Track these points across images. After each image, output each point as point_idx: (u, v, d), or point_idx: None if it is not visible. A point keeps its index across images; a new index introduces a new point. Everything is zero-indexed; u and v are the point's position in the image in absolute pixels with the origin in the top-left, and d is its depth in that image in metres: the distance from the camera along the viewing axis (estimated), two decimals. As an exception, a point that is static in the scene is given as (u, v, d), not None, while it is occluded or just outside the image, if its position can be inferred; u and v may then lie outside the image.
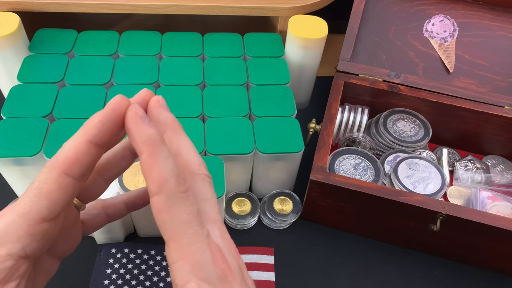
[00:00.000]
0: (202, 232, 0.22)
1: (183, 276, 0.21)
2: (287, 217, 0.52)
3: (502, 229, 0.44)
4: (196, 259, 0.21)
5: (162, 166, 0.21)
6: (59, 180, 0.22)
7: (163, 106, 0.25)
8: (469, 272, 0.51)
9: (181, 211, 0.22)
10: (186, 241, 0.22)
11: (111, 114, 0.22)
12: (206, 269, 0.21)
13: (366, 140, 0.58)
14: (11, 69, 0.55)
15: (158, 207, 0.22)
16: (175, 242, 0.22)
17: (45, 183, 0.22)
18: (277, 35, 0.62)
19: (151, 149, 0.22)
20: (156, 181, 0.21)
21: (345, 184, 0.47)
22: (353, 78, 0.59)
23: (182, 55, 0.57)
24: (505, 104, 0.57)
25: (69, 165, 0.22)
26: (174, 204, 0.22)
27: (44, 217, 0.22)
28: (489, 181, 0.57)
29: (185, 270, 0.21)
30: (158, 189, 0.21)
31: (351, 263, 0.50)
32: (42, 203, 0.22)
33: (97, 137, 0.22)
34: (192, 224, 0.22)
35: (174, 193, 0.22)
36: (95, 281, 0.45)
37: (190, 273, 0.21)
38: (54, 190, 0.22)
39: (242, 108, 0.51)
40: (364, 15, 0.61)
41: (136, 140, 0.22)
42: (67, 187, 0.22)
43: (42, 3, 0.56)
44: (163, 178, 0.21)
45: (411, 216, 0.48)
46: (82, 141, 0.22)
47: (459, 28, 0.61)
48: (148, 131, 0.22)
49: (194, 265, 0.21)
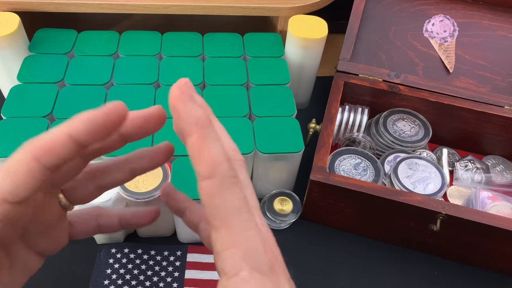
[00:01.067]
0: (252, 219, 0.21)
1: (235, 264, 0.20)
2: (287, 217, 0.52)
3: (502, 229, 0.44)
4: (248, 247, 0.20)
5: (214, 149, 0.20)
6: (29, 164, 0.21)
7: (194, 89, 0.24)
8: (469, 272, 0.51)
9: (233, 196, 0.21)
10: (239, 227, 0.21)
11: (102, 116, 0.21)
12: (258, 257, 0.20)
13: (366, 140, 0.58)
14: (11, 69, 0.55)
15: (210, 191, 0.20)
16: (227, 228, 0.20)
17: (14, 163, 0.21)
18: (277, 35, 0.62)
19: (202, 131, 0.21)
20: (208, 164, 0.20)
21: (345, 184, 0.47)
22: (353, 78, 0.59)
23: (182, 55, 0.57)
24: (505, 104, 0.57)
25: (42, 152, 0.21)
26: (226, 188, 0.20)
27: (6, 198, 0.21)
28: (489, 181, 0.57)
29: (237, 258, 0.20)
30: (211, 173, 0.20)
31: (351, 263, 0.50)
32: (6, 182, 0.21)
33: (79, 133, 0.21)
34: (243, 210, 0.21)
35: (227, 177, 0.21)
36: (95, 281, 0.45)
37: (242, 261, 0.20)
38: (21, 172, 0.21)
39: (242, 108, 0.51)
40: (364, 15, 0.61)
41: (185, 120, 0.21)
42: (36, 174, 0.21)
43: (42, 3, 0.56)
44: (216, 161, 0.20)
45: (411, 216, 0.48)
46: (62, 133, 0.21)
47: (459, 28, 0.61)
48: (197, 111, 0.21)
49: (247, 252, 0.20)
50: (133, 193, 0.43)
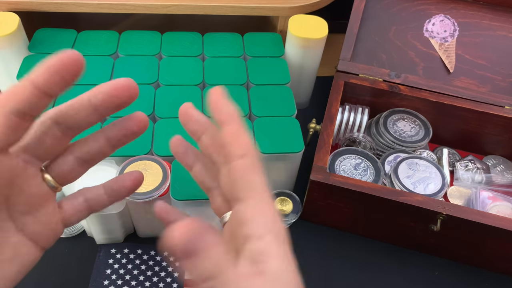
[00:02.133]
0: (270, 195, 0.25)
1: (261, 229, 0.23)
2: (287, 217, 0.52)
3: (502, 229, 0.44)
4: (272, 215, 0.24)
5: (247, 136, 0.25)
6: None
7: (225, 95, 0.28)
8: (469, 272, 0.51)
9: (260, 174, 0.24)
10: (265, 198, 0.24)
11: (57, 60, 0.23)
12: (279, 226, 0.24)
13: (366, 140, 0.58)
14: (11, 69, 0.55)
15: (245, 168, 0.24)
16: (255, 199, 0.24)
17: None
18: (277, 35, 0.62)
19: (238, 121, 0.25)
20: (244, 146, 0.24)
21: (345, 184, 0.46)
22: (353, 78, 0.59)
23: (182, 55, 0.57)
24: (505, 104, 0.57)
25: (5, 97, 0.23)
26: (255, 167, 0.24)
27: None
28: (490, 181, 0.57)
29: (263, 224, 0.23)
30: (245, 153, 0.24)
31: (351, 263, 0.50)
32: None
33: (38, 77, 0.23)
34: (266, 186, 0.24)
35: (256, 158, 0.24)
36: (95, 281, 0.45)
37: (267, 227, 0.23)
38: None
39: (242, 108, 0.51)
40: (364, 15, 0.61)
41: (224, 113, 0.26)
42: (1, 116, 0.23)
43: (42, 3, 0.56)
44: (250, 144, 0.24)
45: (411, 216, 0.47)
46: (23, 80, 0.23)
47: (460, 28, 0.61)
48: (233, 107, 0.26)
49: (271, 220, 0.24)
50: (133, 193, 0.42)
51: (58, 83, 0.24)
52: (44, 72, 0.23)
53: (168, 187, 0.44)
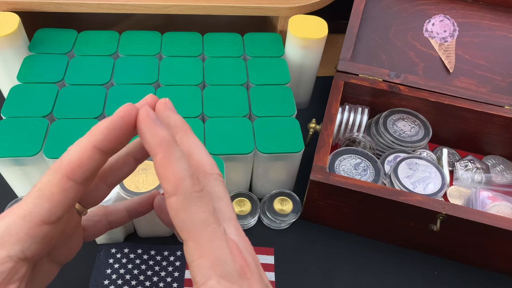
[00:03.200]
0: (219, 230, 0.22)
1: (204, 273, 0.21)
2: (287, 217, 0.52)
3: (502, 229, 0.44)
4: (215, 256, 0.22)
5: (177, 167, 0.22)
6: (61, 183, 0.22)
7: (171, 108, 0.25)
8: (469, 272, 0.51)
9: (198, 210, 0.22)
10: (205, 239, 0.22)
11: (119, 121, 0.22)
12: (226, 266, 0.22)
13: (366, 140, 0.58)
14: (11, 69, 0.55)
15: (175, 207, 0.22)
16: (194, 240, 0.22)
17: (47, 185, 0.22)
18: (277, 35, 0.62)
19: (165, 151, 0.22)
20: (172, 181, 0.22)
21: (345, 184, 0.47)
22: (353, 78, 0.59)
23: (182, 55, 0.57)
24: (505, 104, 0.57)
25: (72, 169, 0.22)
26: (191, 203, 0.22)
27: (44, 220, 0.22)
28: (489, 181, 0.57)
29: (205, 268, 0.21)
30: (174, 190, 0.22)
31: (351, 263, 0.50)
32: (44, 205, 0.22)
33: (102, 143, 0.22)
34: (210, 222, 0.22)
35: (190, 193, 0.22)
36: (95, 281, 0.45)
37: (210, 271, 0.21)
38: (55, 193, 0.22)
39: (242, 108, 0.51)
40: (364, 15, 0.61)
41: (150, 143, 0.22)
42: (69, 191, 0.22)
43: (42, 3, 0.56)
44: (179, 178, 0.22)
45: (411, 216, 0.48)
46: (87, 146, 0.22)
47: (459, 28, 0.61)
48: (161, 133, 0.22)
49: (214, 262, 0.22)
50: (133, 193, 0.42)
51: (121, 143, 0.23)
52: (107, 134, 0.22)
53: (168, 187, 0.44)
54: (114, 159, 0.28)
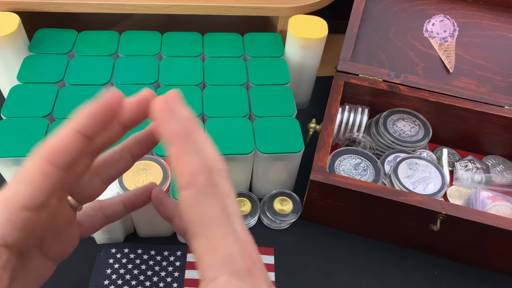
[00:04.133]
0: (231, 227, 0.22)
1: (213, 270, 0.21)
2: (287, 217, 0.52)
3: (502, 229, 0.44)
4: (226, 253, 0.21)
5: (193, 160, 0.21)
6: (43, 168, 0.22)
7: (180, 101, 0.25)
8: (469, 272, 0.51)
9: (211, 205, 0.22)
10: (217, 235, 0.21)
11: (102, 107, 0.22)
12: (235, 263, 0.21)
13: (366, 140, 0.58)
14: (11, 69, 0.55)
15: (188, 201, 0.21)
16: (206, 236, 0.21)
17: (29, 169, 0.22)
18: (277, 35, 0.62)
19: (182, 143, 0.22)
20: (187, 175, 0.21)
21: (345, 184, 0.47)
22: (353, 78, 0.59)
23: (182, 55, 0.57)
24: (505, 104, 0.57)
25: (54, 153, 0.22)
26: (204, 198, 0.21)
27: (25, 205, 0.22)
28: (489, 181, 0.57)
29: (216, 264, 0.21)
30: (188, 183, 0.21)
31: (351, 263, 0.50)
32: (24, 190, 0.22)
33: (85, 128, 0.22)
34: (222, 218, 0.22)
35: (204, 187, 0.21)
36: (95, 281, 0.45)
37: (221, 267, 0.21)
38: (37, 178, 0.22)
39: (242, 108, 0.51)
40: (364, 15, 0.61)
41: (166, 133, 0.22)
42: (51, 176, 0.22)
43: (42, 3, 0.56)
44: (194, 172, 0.21)
45: (411, 216, 0.48)
46: (70, 131, 0.22)
47: (459, 28, 0.61)
48: (178, 124, 0.22)
49: (225, 259, 0.21)
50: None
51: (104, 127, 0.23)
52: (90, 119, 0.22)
53: (168, 187, 0.44)
54: (110, 153, 0.28)
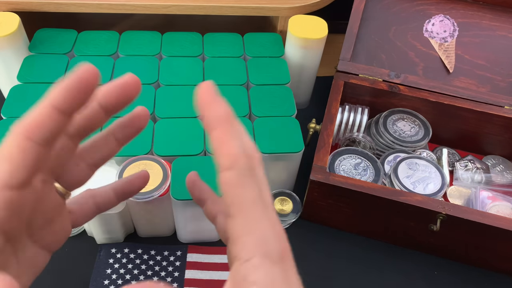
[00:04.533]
0: (267, 210, 0.22)
1: (249, 250, 0.21)
2: (287, 217, 0.52)
3: (502, 229, 0.44)
4: (262, 234, 0.22)
5: (234, 143, 0.22)
6: (21, 144, 0.22)
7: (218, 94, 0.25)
8: (469, 272, 0.51)
9: (250, 187, 0.22)
10: (255, 216, 0.22)
11: (77, 81, 0.22)
12: (270, 246, 0.22)
13: (366, 140, 0.58)
14: (11, 69, 0.55)
15: (230, 181, 0.22)
16: (244, 216, 0.22)
17: (6, 147, 0.22)
18: (277, 35, 0.62)
19: (226, 125, 0.22)
20: (229, 156, 0.22)
21: (345, 184, 0.47)
22: (353, 78, 0.59)
23: (182, 55, 0.57)
24: (505, 104, 0.57)
25: (31, 128, 0.22)
26: (244, 180, 0.22)
27: (6, 183, 0.22)
28: (489, 181, 0.57)
29: (251, 245, 0.21)
30: (231, 164, 0.22)
31: (351, 263, 0.50)
32: (3, 167, 0.21)
33: (60, 103, 0.22)
34: (259, 201, 0.22)
35: (245, 170, 0.22)
36: (95, 281, 0.45)
37: (255, 248, 0.21)
38: (15, 154, 0.22)
39: (242, 108, 0.51)
40: (364, 15, 0.61)
41: (211, 115, 0.22)
42: (29, 152, 0.22)
43: (42, 3, 0.56)
44: (236, 154, 0.22)
45: (411, 216, 0.48)
46: (45, 106, 0.22)
47: (459, 28, 0.61)
48: (223, 107, 0.22)
49: (260, 239, 0.21)
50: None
51: (80, 102, 0.23)
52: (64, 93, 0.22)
53: (168, 187, 0.44)
54: (94, 138, 0.28)
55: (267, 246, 0.22)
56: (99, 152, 0.28)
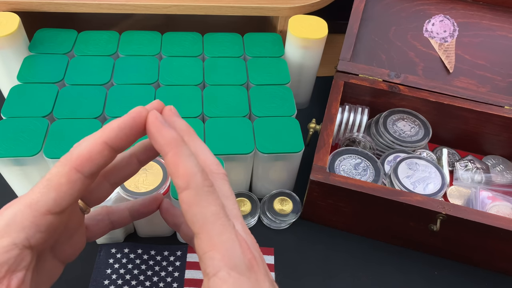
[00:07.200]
0: (229, 224, 0.23)
1: (214, 265, 0.22)
2: (287, 217, 0.52)
3: (502, 229, 0.44)
4: (226, 249, 0.22)
5: (188, 163, 0.23)
6: (70, 175, 0.23)
7: (176, 114, 0.27)
8: (469, 272, 0.51)
9: (209, 204, 0.23)
10: (216, 231, 0.22)
11: (130, 121, 0.24)
12: (236, 258, 0.22)
13: (366, 140, 0.58)
14: (11, 69, 0.55)
15: (188, 201, 0.23)
16: (206, 233, 0.22)
17: (55, 176, 0.23)
18: (277, 35, 0.62)
19: (175, 149, 0.23)
20: (183, 177, 0.22)
21: (345, 184, 0.47)
22: (353, 78, 0.59)
23: (182, 55, 0.57)
24: (505, 104, 0.57)
25: (82, 161, 0.23)
26: (202, 197, 0.23)
27: (50, 209, 0.23)
28: (489, 181, 0.57)
29: (216, 260, 0.22)
30: (186, 184, 0.22)
31: (351, 263, 0.50)
32: (50, 195, 0.23)
33: (113, 140, 0.23)
34: (220, 215, 0.23)
35: (202, 187, 0.23)
36: (95, 281, 0.45)
37: (221, 262, 0.22)
38: (63, 184, 0.23)
39: (242, 108, 0.51)
40: (364, 15, 0.61)
41: (160, 143, 0.23)
42: (76, 183, 0.23)
43: (42, 3, 0.56)
44: (190, 173, 0.23)
45: (411, 216, 0.48)
46: (98, 141, 0.23)
47: (459, 28, 0.61)
48: (170, 133, 0.23)
49: (225, 254, 0.22)
50: (133, 193, 0.43)
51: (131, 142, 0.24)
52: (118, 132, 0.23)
53: (168, 187, 0.44)
54: (118, 159, 0.29)
55: (232, 259, 0.22)
56: (122, 173, 0.29)
